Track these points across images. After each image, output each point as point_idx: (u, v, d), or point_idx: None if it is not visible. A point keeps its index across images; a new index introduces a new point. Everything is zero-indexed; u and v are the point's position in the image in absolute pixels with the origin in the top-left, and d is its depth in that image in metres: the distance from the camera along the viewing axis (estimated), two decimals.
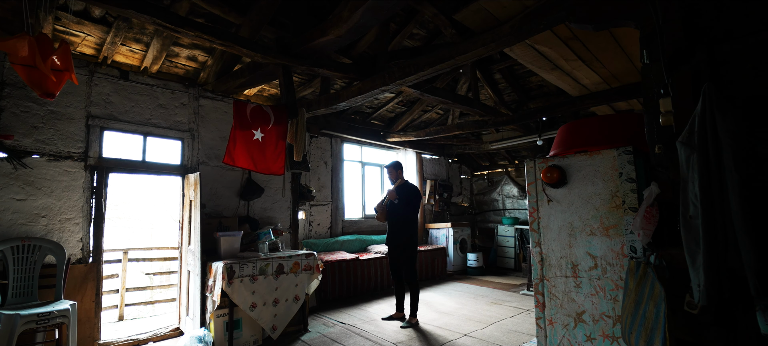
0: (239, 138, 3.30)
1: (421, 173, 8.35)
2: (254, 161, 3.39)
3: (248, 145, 3.35)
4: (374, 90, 3.98)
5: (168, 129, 4.41)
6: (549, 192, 2.62)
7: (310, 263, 4.16)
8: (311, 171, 6.38)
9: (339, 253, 6.07)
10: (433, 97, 4.87)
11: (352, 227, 7.04)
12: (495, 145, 6.89)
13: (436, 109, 7.57)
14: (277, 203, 5.27)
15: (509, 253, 8.38)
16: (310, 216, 6.30)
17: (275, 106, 3.56)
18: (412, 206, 4.40)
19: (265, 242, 4.12)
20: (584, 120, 2.67)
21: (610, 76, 4.16)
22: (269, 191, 5.20)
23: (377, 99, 6.75)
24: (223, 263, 3.51)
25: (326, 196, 6.60)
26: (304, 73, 5.44)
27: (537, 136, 6.29)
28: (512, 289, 6.35)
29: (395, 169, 4.61)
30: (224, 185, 4.74)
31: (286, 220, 5.35)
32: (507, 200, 9.27)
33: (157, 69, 4.64)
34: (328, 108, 4.72)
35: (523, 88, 6.54)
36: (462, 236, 8.07)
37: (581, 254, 2.47)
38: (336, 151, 6.85)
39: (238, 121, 3.30)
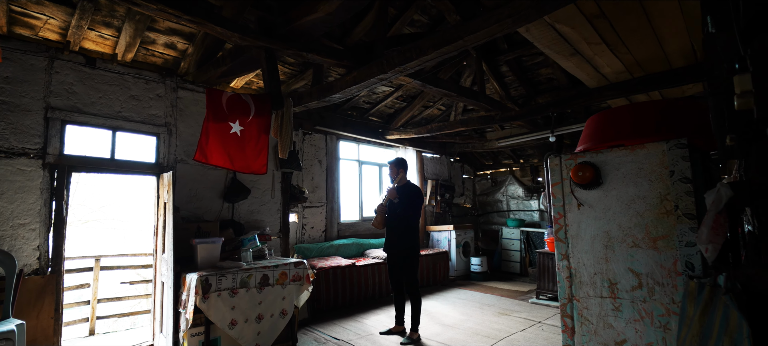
0: (213, 131, 2.86)
1: (421, 173, 7.90)
2: (231, 158, 2.95)
3: (224, 139, 2.90)
4: (371, 79, 3.54)
5: (141, 123, 3.96)
6: (579, 194, 2.18)
7: (299, 273, 3.71)
8: (304, 170, 5.94)
9: (334, 258, 5.63)
10: (435, 90, 4.43)
11: (349, 230, 6.60)
12: (502, 143, 6.45)
13: (437, 105, 7.13)
14: (266, 205, 4.83)
15: (514, 257, 7.95)
16: (303, 219, 5.85)
17: (257, 96, 3.12)
18: (414, 208, 3.96)
19: (248, 249, 3.67)
20: (623, 108, 2.23)
21: (634, 63, 3.72)
22: (257, 192, 4.75)
23: (375, 93, 6.31)
24: (198, 275, 3.07)
25: (321, 197, 6.15)
26: (295, 65, 4.99)
27: (547, 133, 5.84)
28: (520, 297, 5.92)
29: (397, 167, 4.17)
30: (206, 185, 4.30)
31: (276, 223, 4.91)
32: (511, 201, 8.83)
33: (132, 57, 4.20)
34: (321, 101, 4.28)
35: (532, 82, 6.10)
36: (465, 239, 7.63)
37: (621, 270, 2.03)
38: (331, 149, 6.41)
39: (211, 112, 2.86)
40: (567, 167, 2.25)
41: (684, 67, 3.81)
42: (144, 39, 4.06)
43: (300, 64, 5.04)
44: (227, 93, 2.97)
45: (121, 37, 3.89)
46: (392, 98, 6.47)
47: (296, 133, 5.84)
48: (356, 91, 3.89)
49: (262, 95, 3.16)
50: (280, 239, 4.93)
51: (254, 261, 3.77)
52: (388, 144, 7.38)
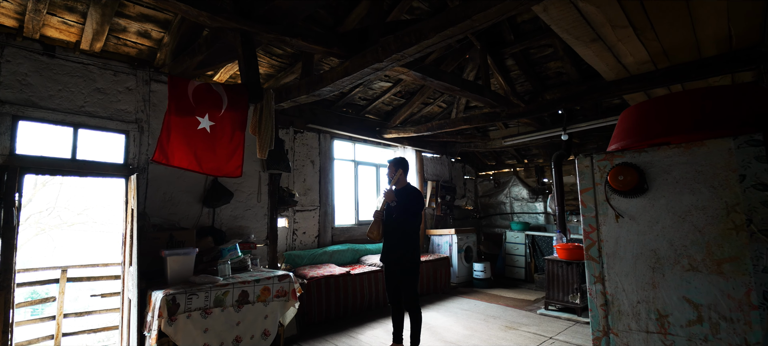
0: (177, 127, 2.44)
1: (421, 174, 7.49)
2: (198, 159, 2.53)
3: (190, 136, 2.49)
4: (365, 69, 3.12)
5: (108, 119, 3.55)
6: (618, 203, 1.77)
7: (283, 288, 3.30)
8: (295, 171, 5.53)
9: (327, 266, 5.21)
10: (437, 83, 4.02)
11: (344, 235, 6.18)
12: (508, 142, 6.03)
13: (438, 102, 6.72)
14: (251, 210, 4.41)
15: (519, 262, 7.54)
16: (294, 223, 5.44)
17: (230, 87, 2.70)
18: (414, 214, 3.55)
19: (226, 261, 3.26)
20: (674, 95, 1.82)
21: (660, 52, 3.32)
22: (241, 195, 4.33)
23: (371, 89, 5.89)
24: (164, 294, 2.65)
25: (313, 200, 5.74)
26: (283, 56, 4.58)
27: (556, 131, 5.43)
28: (527, 306, 5.51)
29: (396, 167, 3.75)
30: (182, 188, 3.88)
31: (262, 229, 4.49)
32: (515, 203, 8.43)
33: (101, 47, 3.79)
34: (310, 95, 3.86)
35: (539, 77, 5.69)
36: (467, 244, 7.22)
37: (673, 300, 1.62)
38: (325, 148, 5.99)
39: (174, 104, 2.44)
40: (601, 170, 1.84)
41: (715, 57, 3.40)
42: (114, 27, 3.65)
43: (289, 56, 4.63)
44: (195, 82, 2.55)
45: (86, 23, 3.48)
46: (390, 94, 6.06)
47: (286, 131, 5.43)
48: (349, 83, 3.48)
49: (237, 86, 2.74)
50: (267, 247, 4.51)
51: (234, 274, 3.35)
52: (385, 143, 6.96)
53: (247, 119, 2.75)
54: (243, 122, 2.69)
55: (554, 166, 5.88)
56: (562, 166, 5.99)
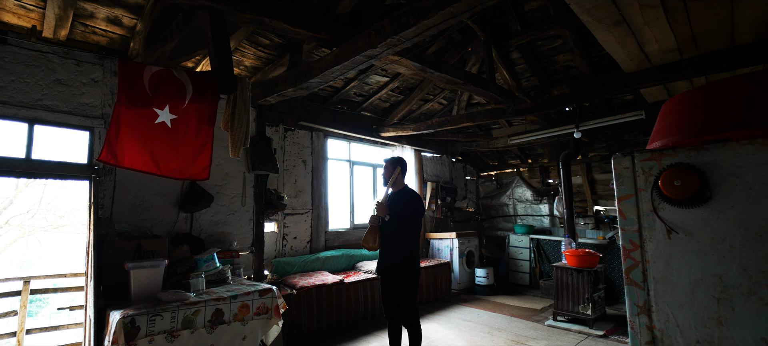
0: (128, 120, 2.06)
1: (420, 174, 7.12)
2: (156, 159, 2.16)
3: (146, 132, 2.11)
4: (357, 56, 2.76)
5: (69, 114, 3.17)
6: (670, 215, 1.40)
7: (265, 304, 2.92)
8: (285, 172, 5.15)
9: (319, 274, 4.83)
10: (438, 75, 3.65)
11: (338, 239, 5.81)
12: (514, 140, 5.65)
13: (438, 99, 6.35)
14: (235, 215, 4.03)
15: (523, 267, 7.17)
16: (284, 228, 5.06)
17: (197, 74, 2.32)
18: (411, 223, 3.18)
19: (201, 274, 2.88)
20: (741, 77, 1.44)
21: (689, 38, 2.95)
22: (223, 198, 3.96)
23: (367, 84, 5.52)
24: (121, 315, 2.28)
25: (305, 202, 5.36)
26: (271, 47, 4.20)
27: (565, 128, 5.05)
28: (534, 317, 5.14)
29: (393, 167, 3.37)
30: (155, 191, 3.50)
31: (247, 236, 4.12)
32: (519, 205, 8.06)
33: (66, 35, 3.41)
34: (297, 88, 3.49)
35: (546, 71, 5.33)
36: (468, 248, 6.85)
37: (747, 342, 1.25)
38: (318, 147, 5.62)
39: (126, 93, 2.06)
40: (645, 173, 1.47)
41: (750, 44, 3.04)
42: (80, 12, 3.28)
43: (277, 47, 4.25)
44: (152, 68, 2.17)
45: (47, 7, 3.10)
46: (387, 90, 5.68)
47: (276, 129, 5.05)
48: (339, 73, 3.11)
49: (205, 74, 2.36)
50: (252, 254, 4.14)
51: (211, 289, 2.97)
52: (383, 142, 6.59)
53: (216, 112, 2.36)
54: (212, 116, 2.31)
55: (562, 167, 5.52)
56: (571, 166, 5.62)
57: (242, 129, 2.45)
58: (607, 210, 6.90)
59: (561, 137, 6.19)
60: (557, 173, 6.55)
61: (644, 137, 6.28)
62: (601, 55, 4.79)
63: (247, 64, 4.41)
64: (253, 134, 4.23)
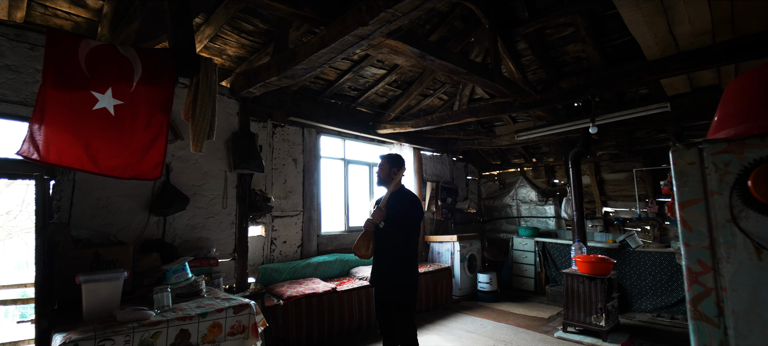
0: (57, 105, 1.67)
1: (420, 174, 6.75)
2: (92, 153, 1.78)
3: (80, 120, 1.73)
4: (346, 36, 2.39)
5: (20, 105, 2.78)
6: (758, 227, 1.02)
7: (241, 322, 2.55)
8: (274, 171, 4.77)
9: (310, 282, 4.46)
10: (439, 63, 3.27)
11: (332, 243, 5.43)
12: (522, 136, 5.26)
13: (438, 93, 5.98)
14: (215, 218, 3.66)
15: (528, 271, 6.80)
16: (272, 232, 4.68)
17: (149, 52, 1.93)
18: (407, 229, 2.82)
19: (166, 288, 2.50)
20: None
21: (727, 17, 2.58)
22: (201, 200, 3.58)
23: (363, 77, 5.15)
24: (63, 340, 1.90)
25: (295, 204, 4.99)
26: (256, 34, 3.82)
27: (578, 123, 4.65)
28: (542, 327, 4.77)
29: (390, 164, 3.00)
30: (122, 191, 3.12)
31: (228, 241, 3.74)
32: (523, 206, 7.69)
33: (23, 16, 3.04)
34: (282, 76, 3.12)
35: (554, 63, 4.96)
36: (470, 252, 6.48)
37: None
38: (310, 145, 5.24)
39: (53, 72, 1.66)
40: (720, 170, 1.09)
41: None
42: None
43: (263, 34, 3.87)
44: (91, 42, 1.79)
45: None
46: (384, 84, 5.31)
47: (263, 125, 4.67)
48: (327, 58, 2.73)
49: (159, 52, 1.98)
50: (234, 262, 3.76)
51: (179, 304, 2.60)
52: (380, 140, 6.21)
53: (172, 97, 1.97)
54: (167, 102, 1.93)
55: (572, 166, 5.15)
56: (581, 165, 5.26)
57: (205, 119, 2.07)
58: (617, 212, 6.53)
59: (569, 134, 5.83)
60: (565, 173, 6.18)
61: (659, 135, 5.91)
62: (615, 45, 4.42)
63: (231, 53, 4.04)
64: (235, 129, 3.85)
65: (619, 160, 6.40)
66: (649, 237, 6.11)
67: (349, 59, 4.66)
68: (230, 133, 3.81)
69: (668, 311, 5.15)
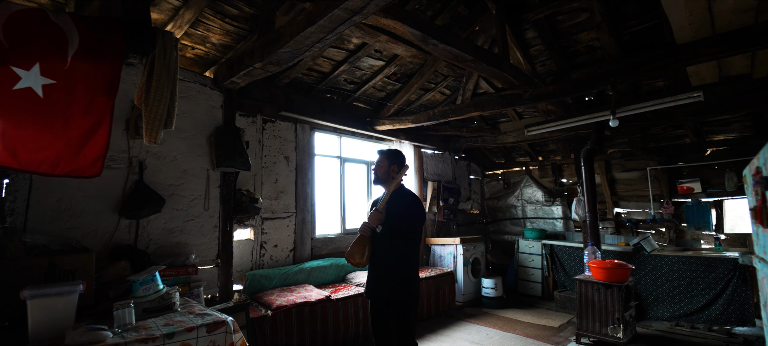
0: None
1: (420, 173, 6.41)
2: (11, 145, 1.43)
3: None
4: (335, 11, 2.04)
5: None
6: None
7: (216, 343, 2.20)
8: (264, 169, 4.44)
9: (303, 289, 4.12)
10: (442, 48, 2.93)
11: (327, 247, 5.09)
12: (533, 131, 4.88)
13: (440, 87, 5.64)
14: (195, 221, 3.32)
15: (535, 276, 6.45)
16: (261, 235, 4.35)
17: (89, 20, 1.59)
18: (408, 234, 2.48)
19: (128, 303, 2.16)
20: None
21: None
22: (179, 201, 3.24)
23: (360, 69, 4.81)
24: None
25: (287, 205, 4.65)
26: (241, 19, 3.48)
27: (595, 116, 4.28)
28: (552, 337, 4.43)
29: (390, 161, 2.67)
30: (88, 192, 2.78)
31: (211, 247, 3.40)
32: (528, 207, 7.35)
33: None
34: (266, 62, 2.78)
35: (566, 53, 4.62)
36: (474, 255, 6.14)
37: None
38: (303, 142, 4.90)
39: None
40: None
41: None
42: None
43: (249, 19, 3.53)
44: (12, 5, 1.44)
45: None
46: (382, 76, 4.97)
47: (252, 120, 4.34)
48: (315, 39, 2.39)
49: (104, 21, 1.64)
50: (217, 269, 3.42)
51: (148, 319, 2.26)
52: (378, 137, 5.88)
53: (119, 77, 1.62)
54: (113, 83, 1.58)
55: (584, 164, 4.80)
56: (594, 162, 4.91)
57: (161, 104, 1.72)
58: (630, 213, 6.18)
59: (579, 130, 5.48)
60: (575, 171, 5.83)
61: (676, 131, 5.57)
62: (633, 33, 4.08)
63: (215, 41, 3.69)
64: (218, 124, 3.51)
65: (631, 158, 6.05)
66: (664, 240, 5.76)
67: (345, 48, 4.33)
68: (213, 127, 3.47)
69: (687, 320, 4.81)
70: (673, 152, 5.69)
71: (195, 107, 3.38)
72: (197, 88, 3.40)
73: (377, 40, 3.92)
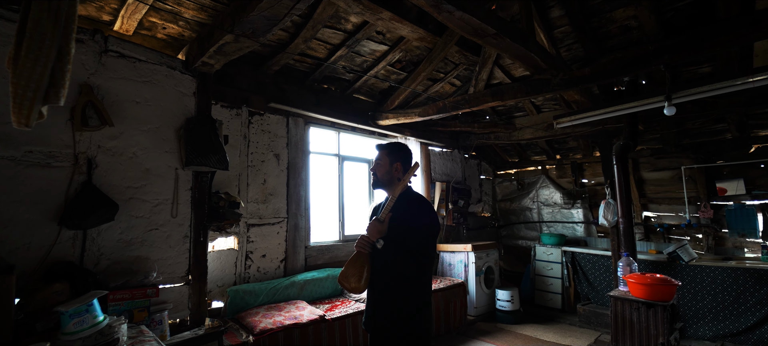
0: None
1: (428, 173, 5.83)
2: None
3: None
4: None
5: None
6: None
7: None
8: (252, 168, 3.89)
9: (294, 306, 3.56)
10: (458, 16, 2.35)
11: (323, 256, 4.52)
12: (564, 123, 4.21)
13: (450, 78, 5.05)
14: (160, 230, 2.76)
15: (554, 286, 5.85)
16: (247, 243, 3.79)
17: None
18: (417, 253, 1.91)
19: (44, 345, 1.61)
20: None
21: None
22: (140, 206, 2.68)
23: (360, 55, 4.24)
24: None
25: (277, 209, 4.09)
26: None
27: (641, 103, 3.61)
28: None
29: (391, 157, 2.10)
30: (18, 195, 2.23)
31: (179, 261, 2.84)
32: (545, 210, 6.74)
33: None
34: (238, 34, 2.22)
35: (596, 35, 4.02)
36: (487, 263, 5.55)
37: None
38: (296, 137, 4.34)
39: None
40: None
41: None
42: None
43: None
44: None
45: None
46: (386, 64, 4.39)
47: (237, 112, 3.79)
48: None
49: None
50: (188, 287, 2.86)
51: None
52: (381, 133, 5.31)
53: None
54: None
55: (616, 162, 4.20)
56: (627, 161, 4.31)
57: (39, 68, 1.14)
58: (660, 217, 5.57)
59: (607, 125, 4.88)
60: (602, 171, 5.22)
61: (716, 125, 4.95)
62: (677, 9, 3.48)
63: (188, 17, 3.13)
64: (190, 114, 2.96)
65: (662, 155, 5.44)
66: (700, 247, 5.15)
67: (342, 29, 3.76)
68: (184, 119, 2.92)
69: (734, 341, 4.20)
70: (711, 149, 5.07)
71: (161, 94, 2.83)
72: (164, 72, 2.84)
73: (379, 17, 3.35)
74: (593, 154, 6.10)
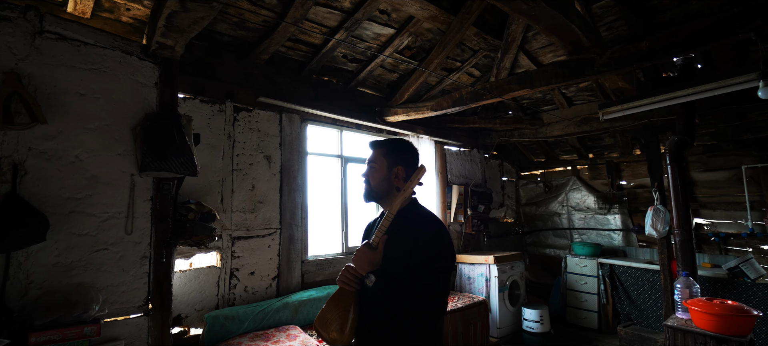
0: None
1: (443, 175, 5.22)
2: None
3: None
4: None
5: None
6: None
7: None
8: (238, 172, 3.37)
9: (284, 335, 3.02)
10: None
11: (323, 271, 3.97)
12: (614, 113, 3.42)
13: (467, 67, 4.42)
14: (109, 250, 2.25)
15: (588, 302, 5.15)
16: (231, 259, 3.27)
17: None
18: (422, 292, 1.33)
19: None
20: None
21: None
22: (84, 221, 2.18)
23: (362, 40, 3.67)
24: None
25: (269, 219, 3.56)
26: None
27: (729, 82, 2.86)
28: None
29: (389, 158, 1.53)
30: None
31: (137, 286, 2.33)
32: (576, 215, 6.02)
33: None
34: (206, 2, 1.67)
35: (643, 9, 3.33)
36: (512, 277, 4.89)
37: None
38: (291, 136, 3.80)
39: None
40: None
41: None
42: None
43: None
44: None
45: None
46: (392, 51, 3.80)
47: (219, 108, 3.28)
48: None
49: None
50: (148, 320, 2.34)
51: None
52: (389, 130, 4.71)
53: None
54: None
55: (671, 161, 3.50)
56: (685, 159, 3.60)
57: None
58: (715, 225, 4.79)
59: (653, 118, 4.16)
60: (649, 171, 4.49)
61: None
62: None
63: None
64: (151, 109, 2.44)
65: (717, 153, 4.67)
66: (766, 261, 4.36)
67: (338, 7, 3.19)
68: (143, 114, 2.41)
69: None
70: None
71: (113, 85, 2.33)
72: (117, 58, 2.34)
73: None
74: (633, 153, 5.37)
